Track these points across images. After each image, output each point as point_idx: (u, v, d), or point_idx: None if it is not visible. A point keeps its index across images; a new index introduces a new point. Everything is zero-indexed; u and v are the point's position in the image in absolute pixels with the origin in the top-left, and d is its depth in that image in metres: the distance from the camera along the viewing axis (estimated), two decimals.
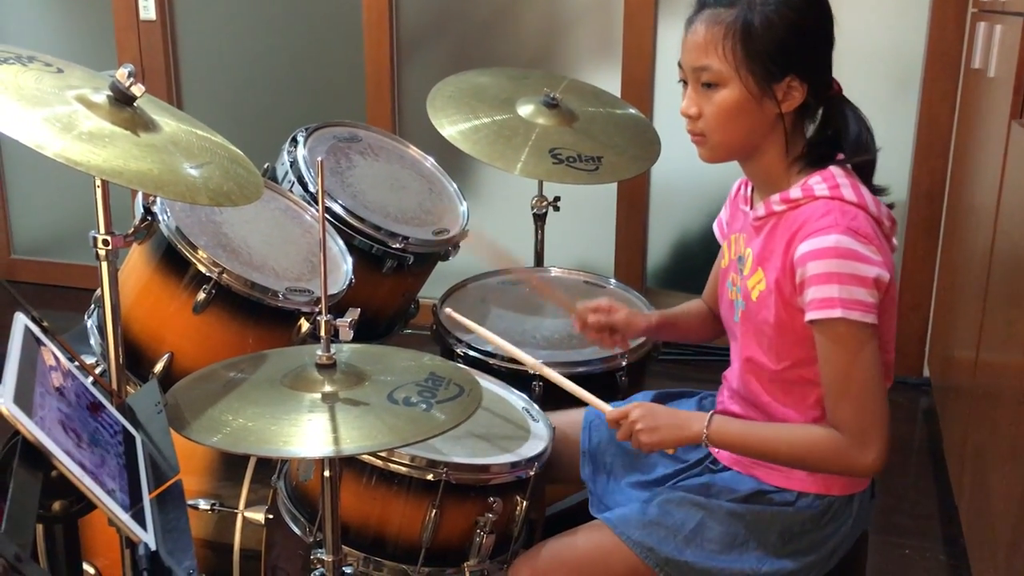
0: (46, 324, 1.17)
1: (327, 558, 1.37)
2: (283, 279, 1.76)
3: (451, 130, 2.20)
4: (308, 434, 1.20)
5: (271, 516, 1.72)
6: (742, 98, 1.39)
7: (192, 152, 1.47)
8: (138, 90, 1.41)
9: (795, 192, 1.42)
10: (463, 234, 2.16)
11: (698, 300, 1.78)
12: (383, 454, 1.46)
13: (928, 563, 2.38)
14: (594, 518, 1.56)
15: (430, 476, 1.47)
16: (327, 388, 1.28)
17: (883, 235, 1.41)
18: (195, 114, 3.82)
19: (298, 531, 1.56)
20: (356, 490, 1.49)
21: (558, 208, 2.44)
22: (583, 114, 2.33)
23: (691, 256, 3.40)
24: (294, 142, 2.06)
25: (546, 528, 1.72)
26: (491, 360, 1.92)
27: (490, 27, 3.39)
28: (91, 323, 1.77)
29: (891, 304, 1.41)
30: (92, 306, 1.77)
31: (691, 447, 1.59)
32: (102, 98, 1.41)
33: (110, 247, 1.49)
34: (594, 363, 1.93)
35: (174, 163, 1.40)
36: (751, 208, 1.51)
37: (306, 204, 1.96)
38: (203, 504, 1.74)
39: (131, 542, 0.95)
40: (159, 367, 1.69)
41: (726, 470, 1.55)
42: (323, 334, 1.31)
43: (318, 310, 1.32)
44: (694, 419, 1.47)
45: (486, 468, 1.51)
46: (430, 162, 2.29)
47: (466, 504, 1.50)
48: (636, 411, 1.48)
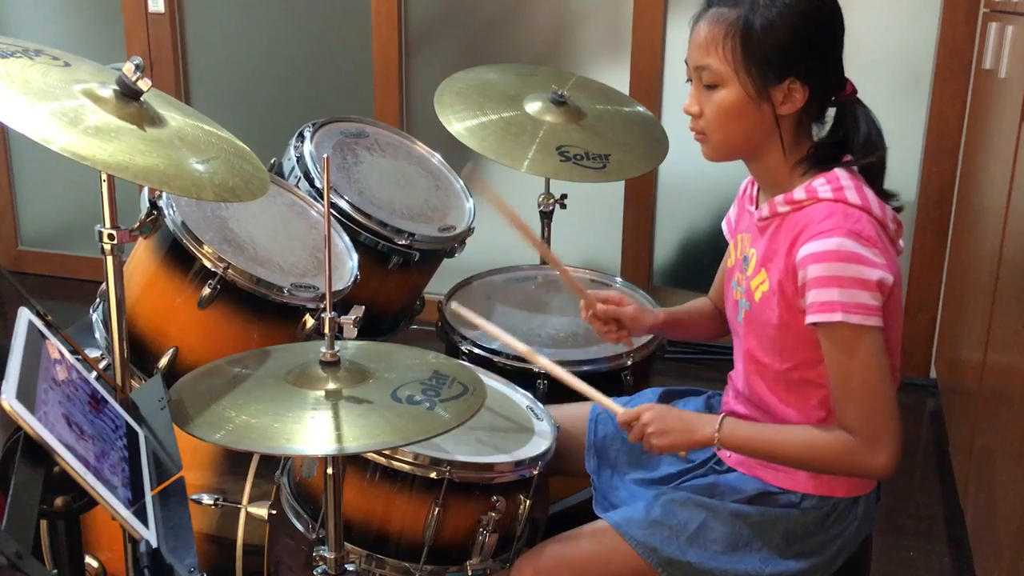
0: (50, 318, 1.17)
1: (329, 555, 1.37)
2: (288, 275, 1.76)
3: (458, 127, 2.20)
4: (311, 432, 1.20)
5: (274, 512, 1.71)
6: (741, 99, 1.38)
7: (198, 147, 1.46)
8: (144, 84, 1.41)
9: (799, 193, 1.41)
10: (470, 231, 2.15)
11: (705, 299, 1.77)
12: (386, 452, 1.46)
13: (933, 565, 2.37)
14: (597, 517, 1.56)
15: (433, 474, 1.47)
16: (331, 385, 1.28)
17: (887, 238, 1.40)
18: (203, 108, 3.81)
19: (301, 528, 1.55)
20: (359, 487, 1.49)
21: (565, 206, 2.43)
22: (591, 112, 2.33)
23: (698, 255, 3.39)
24: (301, 137, 2.06)
25: (549, 527, 1.71)
26: (496, 358, 1.92)
27: (499, 23, 3.38)
28: (96, 317, 1.78)
29: (896, 307, 1.40)
30: (97, 300, 1.77)
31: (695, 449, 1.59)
32: (108, 92, 1.40)
33: (115, 241, 1.49)
34: (599, 361, 1.92)
35: (180, 158, 1.40)
36: (756, 208, 1.50)
37: (312, 200, 1.96)
38: (207, 499, 1.74)
39: (133, 537, 0.95)
40: (164, 362, 1.69)
41: (731, 471, 1.54)
42: (327, 331, 1.30)
43: (323, 307, 1.32)
44: (705, 422, 1.46)
45: (490, 467, 1.51)
46: (437, 158, 2.28)
47: (469, 503, 1.50)
48: (647, 414, 1.47)
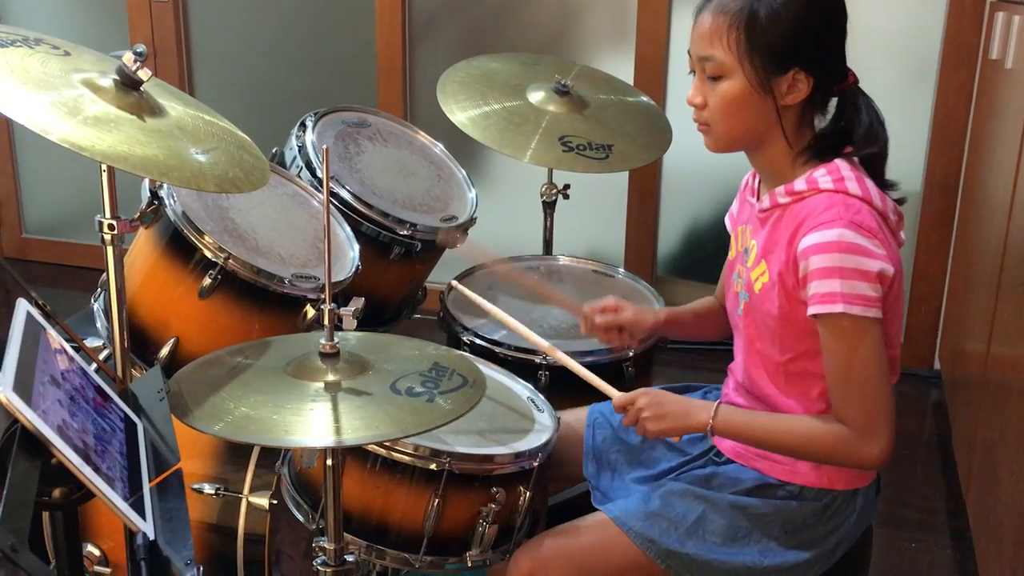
0: (48, 309, 1.17)
1: (329, 546, 1.37)
2: (289, 265, 1.75)
3: (461, 116, 2.19)
4: (310, 423, 1.20)
5: (275, 502, 1.72)
6: (745, 90, 1.38)
7: (198, 137, 1.46)
8: (144, 74, 1.40)
9: (800, 184, 1.41)
10: (472, 222, 2.15)
11: (710, 298, 1.76)
12: (386, 443, 1.46)
13: (935, 557, 2.37)
14: (596, 509, 1.56)
15: (433, 466, 1.47)
16: (330, 377, 1.28)
17: (888, 229, 1.39)
18: (207, 96, 3.82)
19: (301, 518, 1.56)
20: (359, 478, 1.49)
21: (568, 196, 2.43)
22: (594, 101, 2.32)
23: (702, 245, 3.38)
24: (303, 127, 2.05)
25: (549, 518, 1.71)
26: (498, 349, 1.92)
27: (503, 11, 3.37)
28: (97, 307, 1.77)
29: (896, 300, 1.40)
30: (98, 290, 1.77)
31: (695, 439, 1.59)
32: (108, 82, 1.40)
33: (115, 232, 1.49)
34: (601, 353, 1.92)
35: (180, 148, 1.39)
36: (757, 199, 1.50)
37: (314, 190, 1.95)
38: (208, 488, 1.74)
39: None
40: (164, 352, 1.68)
41: (730, 462, 1.54)
42: (326, 323, 1.30)
43: (323, 298, 1.32)
44: (701, 408, 1.46)
45: (489, 458, 1.51)
46: (439, 148, 2.28)
47: (469, 494, 1.50)
48: (643, 398, 1.48)
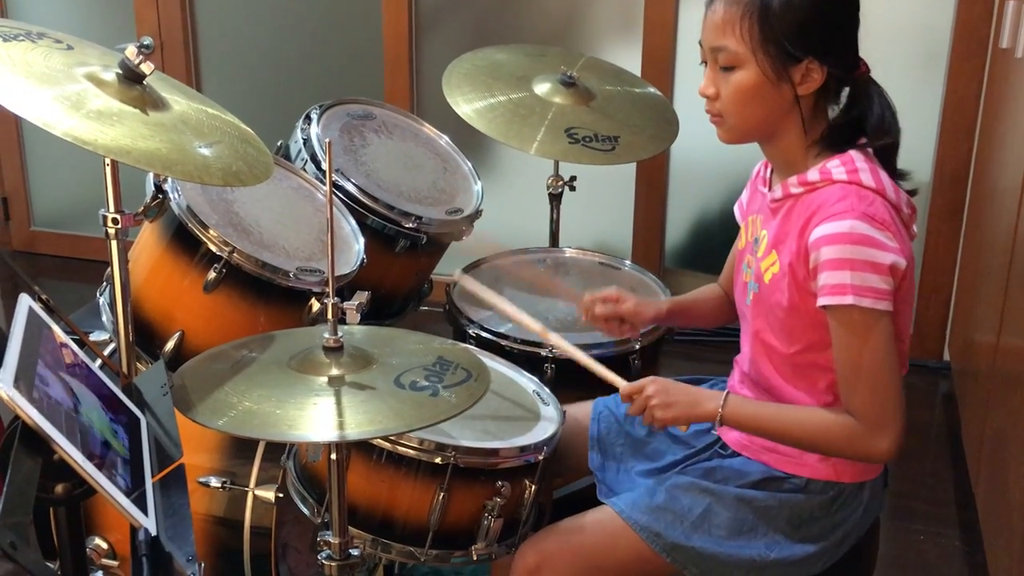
0: (52, 304, 1.17)
1: (334, 540, 1.37)
2: (294, 259, 1.75)
3: (466, 108, 2.18)
4: (313, 418, 1.20)
5: (281, 495, 1.72)
6: (759, 80, 1.36)
7: (202, 131, 1.46)
8: (147, 68, 1.40)
9: (813, 175, 1.39)
10: (477, 214, 2.15)
11: (713, 284, 1.76)
12: (391, 437, 1.46)
13: (943, 549, 2.36)
14: (602, 503, 1.55)
15: (438, 459, 1.46)
16: (334, 371, 1.28)
17: (901, 222, 1.38)
18: (213, 88, 3.81)
19: (306, 511, 1.56)
20: (364, 472, 1.49)
21: (574, 188, 2.42)
22: (600, 93, 2.31)
23: (710, 236, 3.36)
24: (308, 119, 2.05)
25: (554, 512, 1.71)
26: (503, 342, 1.91)
27: (510, 2, 3.35)
28: (103, 300, 1.78)
29: (908, 293, 1.38)
30: (104, 283, 1.77)
31: (700, 432, 1.58)
32: (111, 76, 1.40)
33: (120, 226, 1.49)
34: (607, 345, 1.91)
35: (183, 142, 1.39)
36: (769, 190, 1.49)
37: (319, 183, 1.95)
38: (214, 482, 1.74)
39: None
40: (170, 346, 1.69)
41: (736, 455, 1.54)
42: (330, 317, 1.30)
43: (328, 291, 1.31)
44: (709, 397, 1.46)
45: (495, 452, 1.51)
46: (445, 140, 2.27)
47: (474, 488, 1.50)
48: (651, 386, 1.47)
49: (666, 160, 3.31)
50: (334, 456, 1.33)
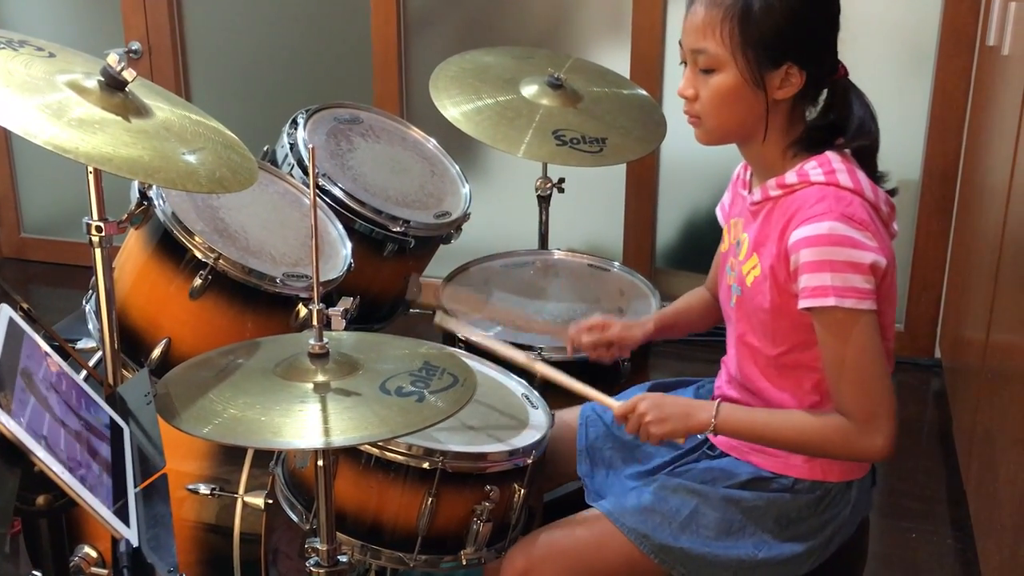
0: (34, 313, 1.17)
1: (322, 547, 1.37)
2: (281, 264, 1.75)
3: (454, 111, 2.18)
4: (298, 425, 1.19)
5: (271, 502, 1.71)
6: (738, 83, 1.36)
7: (185, 138, 1.45)
8: (129, 75, 1.40)
9: (791, 177, 1.40)
10: (466, 217, 2.15)
11: (699, 289, 1.76)
12: (378, 443, 1.45)
13: (935, 546, 2.36)
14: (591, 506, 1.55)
15: (426, 465, 1.46)
16: (319, 378, 1.27)
17: (880, 220, 1.38)
18: (201, 93, 3.80)
19: (295, 518, 1.55)
20: (352, 478, 1.49)
21: (562, 190, 2.41)
22: (588, 94, 2.30)
23: (701, 236, 3.36)
24: (294, 124, 2.05)
25: (545, 515, 1.71)
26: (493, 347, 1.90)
27: (499, 5, 3.35)
28: (89, 308, 1.77)
29: (890, 291, 1.39)
30: (90, 291, 1.76)
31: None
32: (93, 83, 1.39)
33: (103, 233, 1.49)
34: None
35: (166, 149, 1.39)
36: (749, 192, 1.49)
37: (305, 188, 1.94)
38: (203, 489, 1.73)
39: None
40: (156, 353, 1.68)
41: (723, 456, 1.54)
42: (315, 323, 1.29)
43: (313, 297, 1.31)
44: (701, 408, 1.46)
45: (483, 456, 1.50)
46: (432, 144, 2.27)
47: (463, 492, 1.49)
48: (643, 404, 1.47)
49: (656, 161, 3.31)
50: (321, 463, 1.33)
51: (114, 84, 1.40)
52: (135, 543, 0.91)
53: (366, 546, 1.50)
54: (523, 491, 1.55)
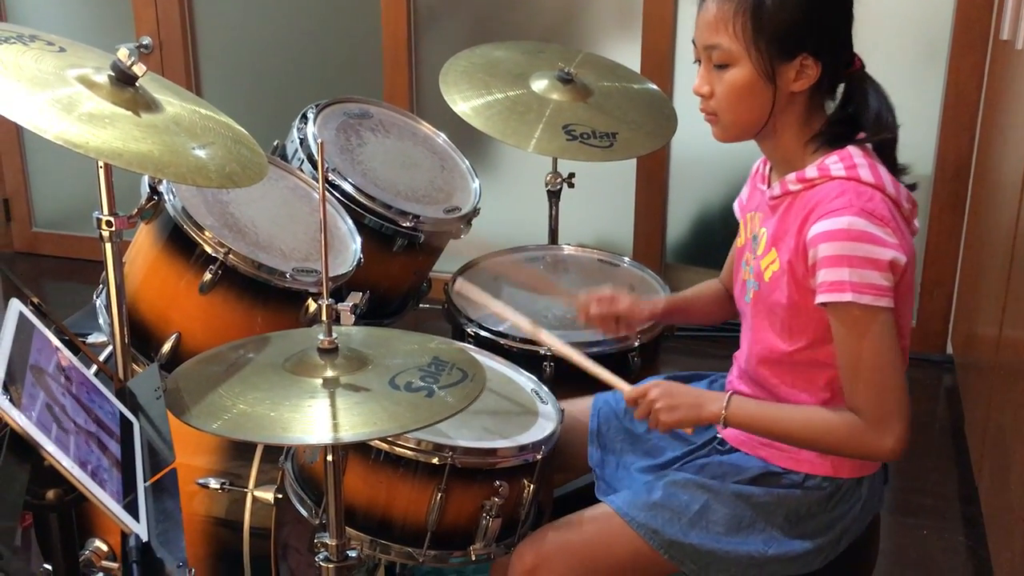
0: (44, 308, 1.17)
1: (331, 542, 1.37)
2: (290, 259, 1.75)
3: (464, 106, 2.17)
4: (308, 420, 1.19)
5: (280, 496, 1.71)
6: (753, 78, 1.36)
7: (195, 132, 1.45)
8: (139, 69, 1.40)
9: (811, 171, 1.39)
10: (475, 212, 2.14)
11: (713, 280, 1.75)
12: (388, 438, 1.45)
13: (946, 544, 2.35)
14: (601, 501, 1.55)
15: (436, 460, 1.46)
16: (328, 373, 1.27)
17: (902, 217, 1.37)
18: (212, 88, 3.80)
19: (305, 513, 1.55)
20: (362, 473, 1.49)
21: (572, 185, 2.41)
22: (598, 89, 2.30)
23: (711, 231, 3.35)
24: (304, 119, 2.05)
25: (555, 511, 1.70)
26: (502, 340, 1.91)
27: None
28: (99, 303, 1.77)
29: (908, 288, 1.38)
30: (100, 286, 1.76)
31: (700, 427, 1.57)
32: (103, 78, 1.39)
33: (114, 228, 1.49)
34: (606, 343, 1.90)
35: (176, 144, 1.39)
36: (768, 187, 1.48)
37: (315, 183, 1.94)
38: (213, 483, 1.73)
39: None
40: (166, 348, 1.68)
41: (733, 451, 1.53)
42: (324, 318, 1.29)
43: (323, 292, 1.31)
44: (712, 399, 1.45)
45: (493, 452, 1.50)
46: (442, 139, 2.26)
47: (472, 488, 1.49)
48: (655, 390, 1.46)
49: (666, 156, 3.30)
50: (330, 458, 1.33)
51: (124, 79, 1.40)
52: (145, 537, 0.91)
53: (375, 541, 1.51)
54: (532, 486, 1.54)
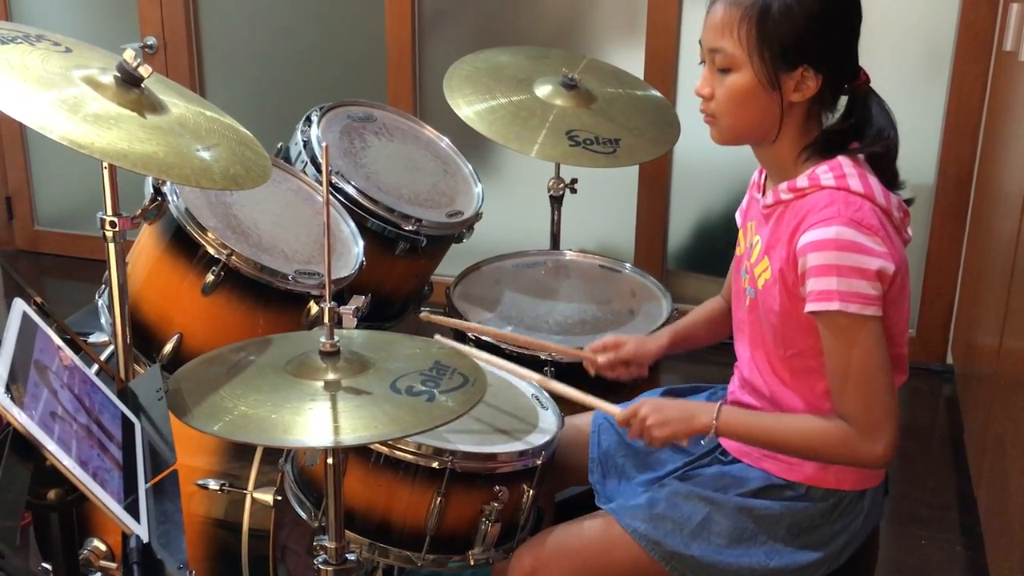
0: (47, 308, 1.17)
1: (330, 545, 1.37)
2: (293, 261, 1.75)
3: (467, 111, 2.18)
4: (308, 423, 1.19)
5: (280, 498, 1.71)
6: (753, 84, 1.36)
7: (200, 134, 1.46)
8: (145, 71, 1.40)
9: (802, 181, 1.39)
10: (478, 216, 2.14)
11: (715, 299, 1.74)
12: (388, 442, 1.45)
13: (945, 553, 2.35)
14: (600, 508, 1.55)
15: (436, 464, 1.46)
16: (330, 376, 1.27)
17: (892, 226, 1.38)
18: (216, 90, 3.81)
19: (304, 515, 1.55)
20: (362, 476, 1.49)
21: (575, 190, 2.41)
22: (602, 95, 2.30)
23: (713, 238, 3.36)
24: (308, 122, 2.05)
25: (556, 516, 1.70)
26: (503, 344, 1.91)
27: (513, 4, 3.35)
28: (102, 302, 1.78)
29: (900, 297, 1.38)
30: (103, 286, 1.77)
31: (701, 438, 1.57)
32: (109, 79, 1.40)
33: (117, 228, 1.49)
34: None
35: (181, 145, 1.39)
36: (763, 195, 1.49)
37: (318, 185, 1.95)
38: (213, 484, 1.73)
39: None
40: (168, 348, 1.68)
41: (736, 462, 1.53)
42: (327, 321, 1.29)
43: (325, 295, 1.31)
44: (703, 410, 1.45)
45: (493, 456, 1.50)
46: (445, 143, 2.27)
47: (472, 492, 1.49)
48: (645, 408, 1.46)
49: (669, 162, 3.30)
50: (330, 461, 1.33)
51: (130, 80, 1.40)
52: (145, 538, 0.91)
53: (374, 544, 1.51)
54: (532, 492, 1.54)
